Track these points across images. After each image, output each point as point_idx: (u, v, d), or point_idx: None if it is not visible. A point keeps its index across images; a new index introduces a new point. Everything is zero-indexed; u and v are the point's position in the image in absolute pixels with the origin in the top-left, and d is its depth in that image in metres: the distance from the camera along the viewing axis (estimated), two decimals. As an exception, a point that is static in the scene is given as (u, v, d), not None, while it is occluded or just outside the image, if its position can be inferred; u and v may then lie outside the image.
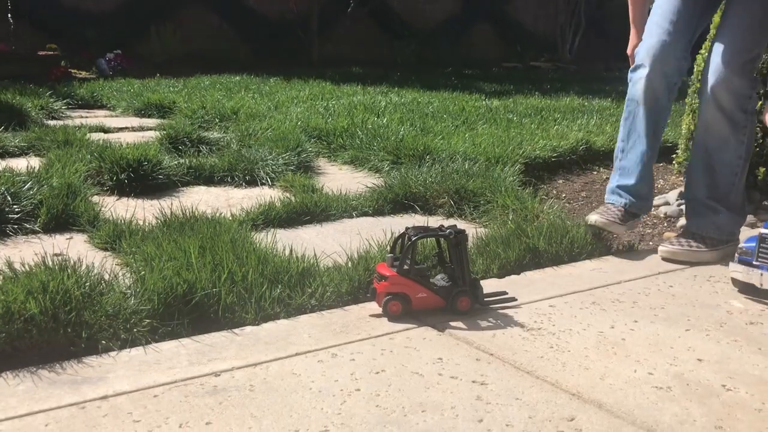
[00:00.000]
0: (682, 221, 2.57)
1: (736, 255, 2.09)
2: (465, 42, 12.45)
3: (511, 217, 2.71)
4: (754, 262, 2.04)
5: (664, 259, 2.41)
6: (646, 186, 2.55)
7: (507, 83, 8.33)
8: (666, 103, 2.50)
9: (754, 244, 2.05)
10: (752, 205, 3.02)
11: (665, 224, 2.93)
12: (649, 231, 2.87)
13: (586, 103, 5.94)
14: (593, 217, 2.48)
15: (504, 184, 3.05)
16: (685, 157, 3.43)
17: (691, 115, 3.37)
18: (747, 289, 2.08)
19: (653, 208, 3.17)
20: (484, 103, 5.93)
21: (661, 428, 1.37)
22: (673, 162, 3.66)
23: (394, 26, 11.90)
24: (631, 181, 2.53)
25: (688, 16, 2.45)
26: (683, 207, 2.79)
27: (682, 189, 2.99)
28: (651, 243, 2.71)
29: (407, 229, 1.94)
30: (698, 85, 3.25)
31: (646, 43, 2.47)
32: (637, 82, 2.48)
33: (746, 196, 2.63)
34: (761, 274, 2.02)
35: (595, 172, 3.75)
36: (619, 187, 2.56)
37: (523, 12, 13.42)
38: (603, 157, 3.90)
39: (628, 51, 2.63)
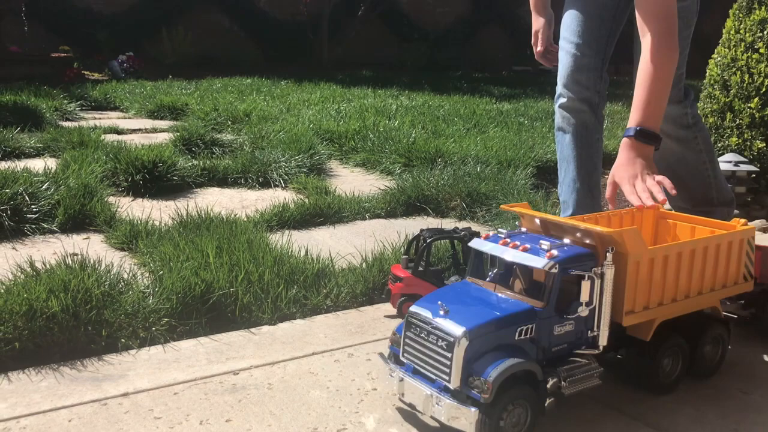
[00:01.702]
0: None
1: (389, 343, 1.45)
2: (475, 45, 12.47)
3: (523, 219, 2.72)
4: (401, 357, 1.38)
5: None
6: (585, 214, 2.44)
7: (517, 87, 8.34)
8: (595, 125, 2.41)
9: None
10: (764, 210, 3.02)
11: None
12: (661, 235, 2.87)
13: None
14: None
15: (516, 187, 3.07)
16: None
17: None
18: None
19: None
20: (494, 106, 5.95)
21: (676, 429, 1.38)
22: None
23: (404, 29, 11.94)
24: (568, 212, 2.39)
25: (596, 33, 2.33)
26: None
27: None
28: (663, 246, 2.72)
29: (422, 230, 1.96)
30: (710, 90, 3.27)
31: (561, 71, 2.40)
32: (559, 111, 2.42)
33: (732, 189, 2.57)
34: (401, 380, 1.34)
35: (606, 176, 3.75)
36: None
37: (534, 15, 13.39)
38: (614, 161, 3.90)
39: (532, 41, 2.58)
